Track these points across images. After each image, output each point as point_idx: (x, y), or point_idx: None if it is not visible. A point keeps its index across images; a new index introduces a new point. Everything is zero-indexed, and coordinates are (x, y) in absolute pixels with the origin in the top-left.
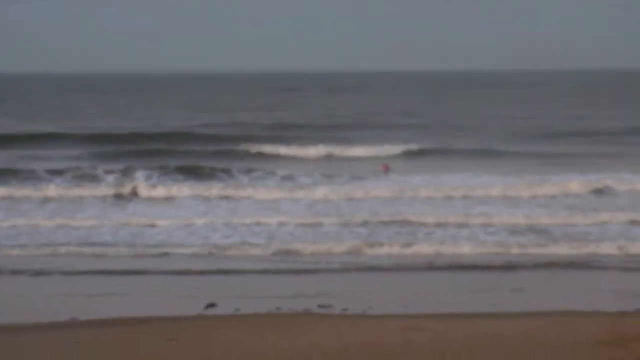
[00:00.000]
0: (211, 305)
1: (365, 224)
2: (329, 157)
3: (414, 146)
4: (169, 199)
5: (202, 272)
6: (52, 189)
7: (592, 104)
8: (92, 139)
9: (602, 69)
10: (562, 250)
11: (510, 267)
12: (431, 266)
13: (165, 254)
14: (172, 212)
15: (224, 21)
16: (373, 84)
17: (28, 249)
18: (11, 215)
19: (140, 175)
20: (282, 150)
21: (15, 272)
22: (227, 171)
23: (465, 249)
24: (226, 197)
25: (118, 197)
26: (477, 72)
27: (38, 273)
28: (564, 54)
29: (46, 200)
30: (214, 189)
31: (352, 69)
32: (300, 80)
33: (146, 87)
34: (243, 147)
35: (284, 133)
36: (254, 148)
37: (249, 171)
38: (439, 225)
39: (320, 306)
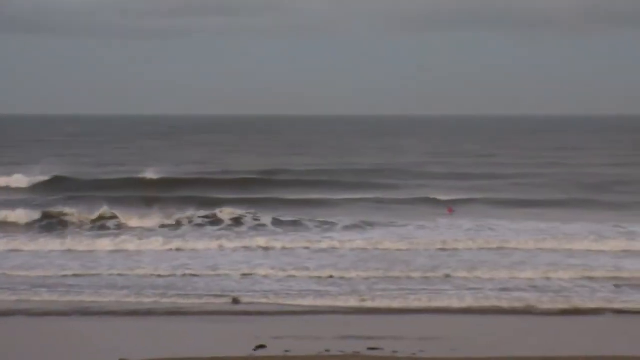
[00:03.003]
0: (261, 347)
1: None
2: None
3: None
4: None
5: (249, 313)
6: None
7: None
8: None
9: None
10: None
11: (571, 312)
12: (496, 310)
13: (227, 298)
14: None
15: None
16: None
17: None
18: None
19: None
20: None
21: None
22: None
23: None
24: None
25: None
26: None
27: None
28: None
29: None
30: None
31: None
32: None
33: (214, 131)
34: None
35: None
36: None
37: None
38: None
39: (369, 348)
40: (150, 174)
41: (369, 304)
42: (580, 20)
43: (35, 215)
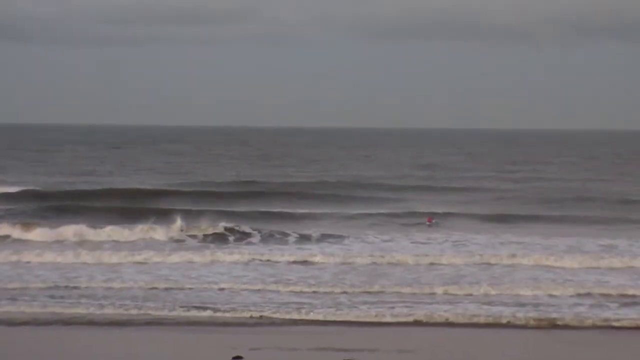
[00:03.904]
0: (238, 357)
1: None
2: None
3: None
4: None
5: (227, 324)
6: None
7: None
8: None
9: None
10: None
11: (550, 326)
12: (475, 324)
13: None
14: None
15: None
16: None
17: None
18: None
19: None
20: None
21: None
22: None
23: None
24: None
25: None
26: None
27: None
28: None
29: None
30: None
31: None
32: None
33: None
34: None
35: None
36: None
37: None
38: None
39: None
40: (128, 185)
41: (346, 316)
42: (554, 32)
43: (8, 226)
